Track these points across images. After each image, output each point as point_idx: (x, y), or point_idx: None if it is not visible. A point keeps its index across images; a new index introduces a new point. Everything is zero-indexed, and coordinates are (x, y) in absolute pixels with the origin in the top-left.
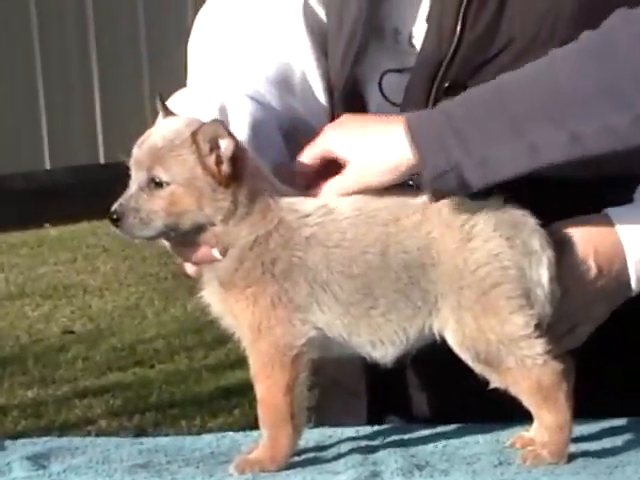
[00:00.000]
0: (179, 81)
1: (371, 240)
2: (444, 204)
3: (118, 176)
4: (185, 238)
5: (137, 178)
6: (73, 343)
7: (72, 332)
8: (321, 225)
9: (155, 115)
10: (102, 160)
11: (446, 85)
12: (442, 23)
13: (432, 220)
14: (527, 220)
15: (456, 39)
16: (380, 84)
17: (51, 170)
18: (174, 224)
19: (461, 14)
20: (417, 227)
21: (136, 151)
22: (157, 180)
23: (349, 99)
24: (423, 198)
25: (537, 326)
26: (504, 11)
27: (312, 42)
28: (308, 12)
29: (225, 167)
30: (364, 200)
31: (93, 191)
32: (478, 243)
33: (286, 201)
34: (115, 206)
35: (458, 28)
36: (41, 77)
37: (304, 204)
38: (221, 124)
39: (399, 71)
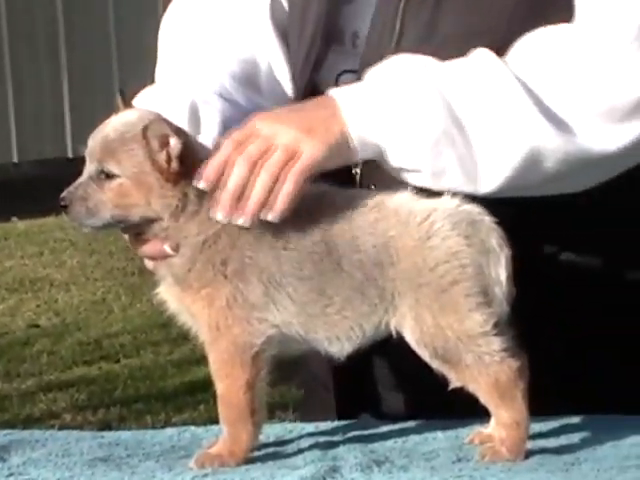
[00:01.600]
0: (149, 74)
1: (316, 241)
2: (401, 203)
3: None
4: (135, 230)
5: (89, 168)
6: (38, 337)
7: (37, 326)
8: (267, 226)
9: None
10: (70, 154)
11: None
12: (383, 21)
13: (389, 218)
14: (484, 218)
15: (395, 39)
16: (337, 85)
17: (19, 163)
18: (121, 216)
19: (400, 11)
20: (373, 225)
21: (90, 142)
22: (107, 172)
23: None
24: (376, 197)
25: (495, 324)
26: (442, 7)
27: (278, 37)
28: (275, 7)
29: (173, 164)
30: (304, 200)
31: (60, 185)
32: (437, 241)
33: None
34: (64, 193)
35: (397, 28)
36: (9, 70)
37: None
38: (167, 121)
39: (354, 72)
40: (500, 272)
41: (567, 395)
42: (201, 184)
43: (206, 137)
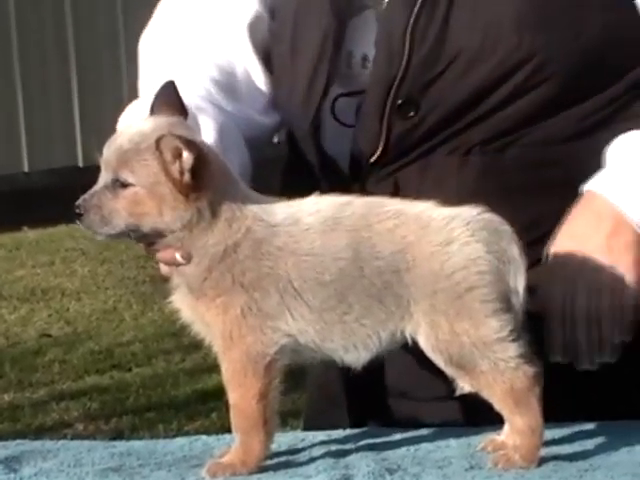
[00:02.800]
0: None
1: (342, 246)
2: (421, 210)
3: (97, 179)
4: (147, 240)
5: (104, 177)
6: (50, 346)
7: (49, 335)
8: (290, 234)
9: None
10: (80, 163)
11: (398, 103)
12: (391, 44)
13: (409, 225)
14: (505, 227)
15: (405, 58)
16: (333, 109)
17: (29, 173)
18: (134, 225)
19: (408, 34)
20: (391, 232)
21: (105, 151)
22: (122, 181)
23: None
24: (397, 205)
25: (511, 330)
26: (449, 26)
27: (257, 52)
28: (256, 27)
29: (186, 177)
30: (329, 208)
31: (71, 194)
32: (456, 247)
33: (253, 210)
34: (79, 201)
35: (406, 48)
36: (19, 79)
37: (271, 213)
38: (186, 129)
39: (350, 95)
40: (519, 281)
41: (581, 401)
42: None
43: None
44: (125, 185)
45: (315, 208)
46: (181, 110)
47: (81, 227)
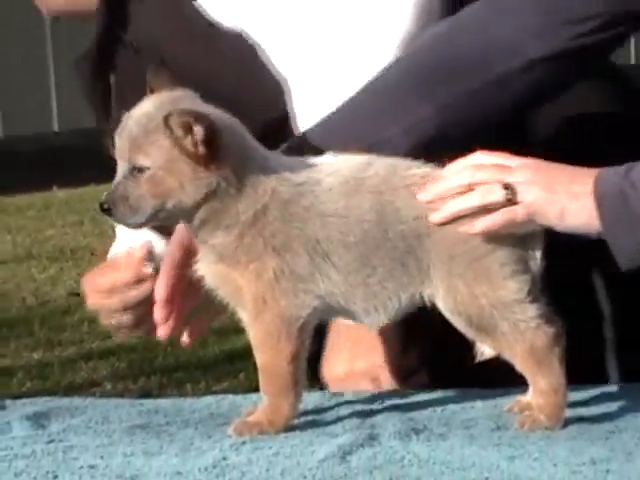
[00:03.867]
0: None
1: (366, 208)
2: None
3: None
4: (176, 222)
5: (121, 167)
6: (79, 306)
7: (78, 295)
8: (315, 194)
9: None
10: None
11: None
12: None
13: None
14: None
15: None
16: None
17: (59, 132)
18: (160, 206)
19: None
20: (413, 197)
21: (117, 141)
22: (138, 167)
23: None
24: (421, 169)
25: (529, 291)
26: None
27: None
28: None
29: (200, 149)
30: (348, 168)
31: (101, 154)
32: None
33: (276, 170)
34: (104, 197)
35: None
36: (50, 40)
37: (294, 173)
38: (188, 110)
39: None
40: (537, 247)
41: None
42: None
43: None
44: (142, 170)
45: (333, 168)
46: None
47: (113, 222)
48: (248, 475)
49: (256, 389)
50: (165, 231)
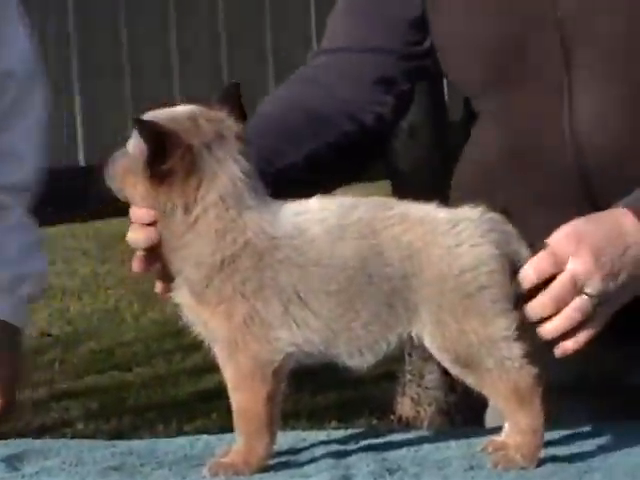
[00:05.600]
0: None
1: (350, 255)
2: (426, 212)
3: (95, 179)
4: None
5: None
6: (51, 346)
7: (50, 335)
8: (294, 247)
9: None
10: (82, 162)
11: None
12: None
13: (415, 230)
14: (510, 228)
15: None
16: None
17: None
18: (119, 190)
19: None
20: (397, 238)
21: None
22: (126, 150)
23: None
24: (400, 207)
25: (515, 329)
26: None
27: None
28: None
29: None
30: (334, 215)
31: (71, 194)
32: (465, 248)
33: (254, 220)
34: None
35: None
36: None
37: (275, 224)
38: (154, 124)
39: None
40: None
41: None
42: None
43: None
44: (126, 154)
45: (321, 215)
46: (239, 112)
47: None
48: None
49: (229, 429)
50: None
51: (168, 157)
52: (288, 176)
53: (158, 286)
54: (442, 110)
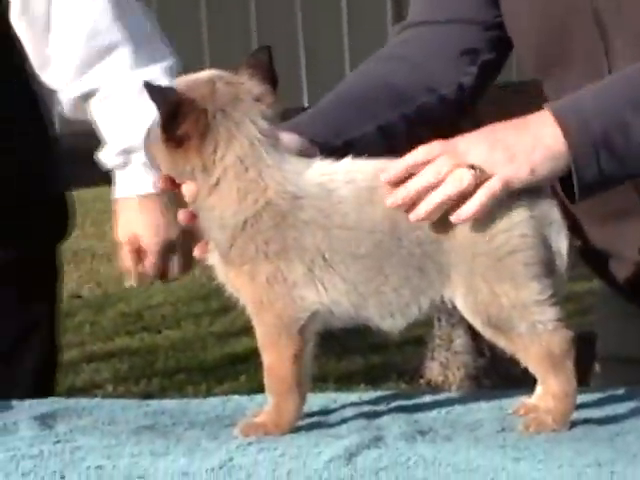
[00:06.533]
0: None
1: (378, 220)
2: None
3: None
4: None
5: None
6: (81, 308)
7: (80, 297)
8: (318, 208)
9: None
10: None
11: None
12: None
13: None
14: (544, 191)
15: None
16: None
17: (60, 135)
18: (150, 160)
19: None
20: None
21: None
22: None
23: None
24: None
25: (551, 295)
26: None
27: None
28: None
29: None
30: (364, 178)
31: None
32: (498, 212)
33: (276, 179)
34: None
35: None
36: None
37: (299, 184)
38: (163, 88)
39: None
40: (562, 244)
41: None
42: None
43: None
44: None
45: (350, 177)
46: (268, 76)
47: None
48: (254, 476)
49: (258, 391)
50: None
51: (181, 122)
52: (358, 148)
53: (196, 250)
54: None
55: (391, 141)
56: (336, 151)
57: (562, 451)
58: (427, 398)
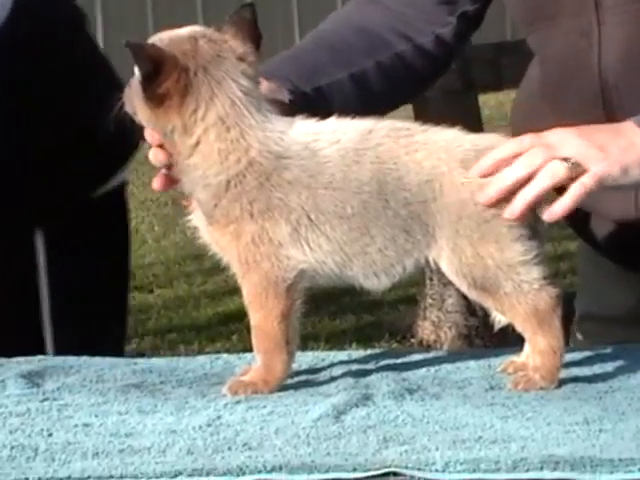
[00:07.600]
0: None
1: (365, 180)
2: (451, 139)
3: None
4: None
5: None
6: None
7: None
8: (303, 168)
9: None
10: None
11: None
12: None
13: (439, 154)
14: None
15: None
16: None
17: None
18: (131, 112)
19: None
20: (420, 163)
21: None
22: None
23: None
24: (425, 133)
25: (536, 255)
26: None
27: None
28: None
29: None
30: (350, 138)
31: None
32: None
33: (259, 139)
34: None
35: None
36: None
37: (282, 143)
38: (145, 45)
39: None
40: (543, 210)
41: None
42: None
43: None
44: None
45: (335, 137)
46: (252, 35)
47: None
48: (242, 434)
49: (249, 350)
50: None
51: (162, 80)
52: (329, 95)
53: (185, 204)
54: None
55: (363, 90)
56: (306, 98)
57: (550, 409)
58: (416, 357)
